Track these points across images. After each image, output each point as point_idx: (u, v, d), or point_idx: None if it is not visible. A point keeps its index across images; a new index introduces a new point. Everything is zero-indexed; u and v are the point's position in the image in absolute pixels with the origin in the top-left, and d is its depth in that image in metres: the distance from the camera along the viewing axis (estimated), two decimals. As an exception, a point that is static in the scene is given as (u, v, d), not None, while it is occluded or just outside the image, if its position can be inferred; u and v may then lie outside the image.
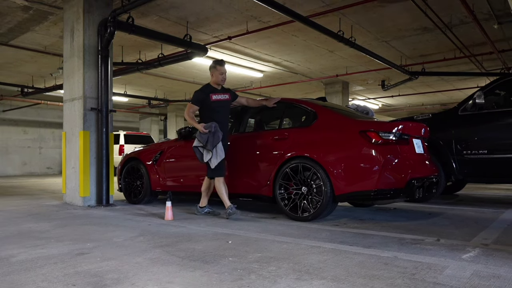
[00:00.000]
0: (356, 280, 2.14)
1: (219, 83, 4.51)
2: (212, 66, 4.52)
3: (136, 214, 4.76)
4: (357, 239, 3.18)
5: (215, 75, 4.48)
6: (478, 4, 6.70)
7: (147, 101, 15.52)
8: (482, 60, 10.10)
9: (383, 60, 8.97)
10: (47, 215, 4.70)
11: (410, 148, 4.07)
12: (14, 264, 2.53)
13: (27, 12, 6.92)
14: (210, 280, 2.17)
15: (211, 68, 4.52)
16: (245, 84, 13.71)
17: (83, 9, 5.58)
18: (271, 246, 2.95)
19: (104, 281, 2.17)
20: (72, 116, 5.74)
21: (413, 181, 3.85)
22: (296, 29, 7.94)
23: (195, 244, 3.03)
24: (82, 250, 2.87)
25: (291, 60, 10.54)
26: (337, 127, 4.13)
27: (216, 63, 4.52)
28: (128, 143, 13.70)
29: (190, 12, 7.08)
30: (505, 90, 5.30)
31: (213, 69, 4.49)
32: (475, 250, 2.79)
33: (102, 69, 5.62)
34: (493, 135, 5.02)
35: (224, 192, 4.33)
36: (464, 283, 2.07)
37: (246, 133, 4.95)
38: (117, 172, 6.04)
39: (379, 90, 13.87)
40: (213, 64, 4.53)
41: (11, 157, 15.81)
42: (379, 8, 6.94)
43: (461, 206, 5.21)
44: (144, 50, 9.44)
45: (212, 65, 4.53)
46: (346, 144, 3.96)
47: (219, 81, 4.49)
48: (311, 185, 4.00)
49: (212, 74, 4.50)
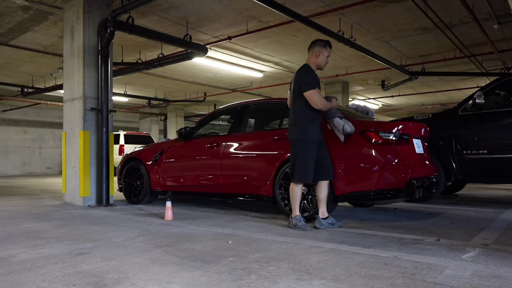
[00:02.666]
0: (356, 280, 2.14)
1: (321, 68, 3.82)
2: (322, 45, 3.74)
3: (136, 214, 4.76)
4: (357, 239, 3.18)
5: (322, 56, 3.73)
6: (478, 4, 6.70)
7: (147, 101, 15.52)
8: (482, 60, 10.10)
9: (383, 60, 8.97)
10: (47, 215, 4.70)
11: (410, 148, 4.07)
12: (14, 264, 2.53)
13: (27, 12, 6.91)
14: (210, 280, 2.17)
15: (318, 46, 3.73)
16: (245, 84, 13.70)
17: (83, 9, 5.58)
18: (271, 246, 2.95)
19: (104, 281, 2.17)
20: (72, 116, 5.74)
21: (413, 181, 3.85)
22: (296, 29, 7.94)
23: (195, 244, 3.03)
24: (82, 250, 2.87)
25: (291, 60, 10.54)
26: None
27: (326, 43, 3.77)
28: (128, 143, 13.70)
29: (190, 12, 7.08)
30: (505, 90, 5.30)
31: (322, 49, 3.73)
32: (475, 250, 2.79)
33: (102, 69, 5.62)
34: (493, 135, 5.02)
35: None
36: (464, 283, 2.07)
37: (246, 133, 4.95)
38: (117, 172, 6.04)
39: (379, 90, 13.87)
40: (322, 43, 3.75)
41: (11, 157, 15.81)
42: (379, 8, 6.94)
43: (461, 206, 5.21)
44: (144, 50, 9.44)
45: (321, 44, 3.74)
46: (346, 144, 3.96)
47: (322, 65, 3.79)
48: (311, 185, 4.00)
49: (318, 54, 3.72)
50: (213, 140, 5.00)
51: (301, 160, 3.63)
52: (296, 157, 3.67)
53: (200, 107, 19.78)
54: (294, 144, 3.70)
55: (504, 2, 6.50)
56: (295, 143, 3.70)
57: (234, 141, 4.82)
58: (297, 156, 3.66)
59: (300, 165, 3.63)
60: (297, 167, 3.65)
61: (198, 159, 5.09)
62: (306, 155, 3.62)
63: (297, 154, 3.66)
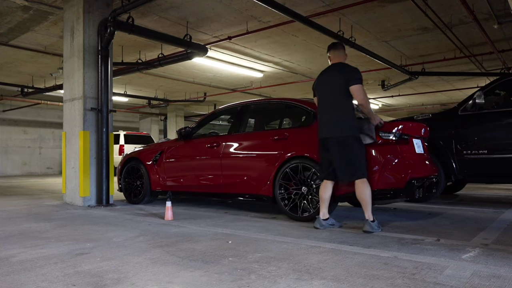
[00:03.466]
0: (356, 280, 2.14)
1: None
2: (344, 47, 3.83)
3: (136, 214, 4.76)
4: (357, 239, 3.18)
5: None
6: (478, 4, 6.70)
7: (147, 101, 15.52)
8: (482, 60, 10.10)
9: (383, 60, 8.97)
10: (47, 215, 4.70)
11: (410, 148, 4.07)
12: (14, 264, 2.53)
13: (27, 12, 6.91)
14: (210, 280, 2.17)
15: (343, 49, 3.81)
16: (245, 84, 13.70)
17: (83, 9, 5.58)
18: (271, 246, 2.95)
19: (104, 281, 2.17)
20: (72, 116, 5.74)
21: (413, 181, 3.85)
22: (296, 29, 7.93)
23: (195, 244, 3.03)
24: (82, 250, 2.87)
25: (291, 60, 10.53)
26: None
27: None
28: (128, 143, 13.70)
29: (190, 12, 7.07)
30: (505, 90, 5.30)
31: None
32: (475, 250, 2.79)
33: (102, 69, 5.62)
34: (493, 135, 5.02)
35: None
36: (464, 283, 2.07)
37: (246, 133, 4.95)
38: (117, 172, 6.04)
39: (379, 90, 13.86)
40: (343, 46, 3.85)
41: (11, 157, 15.81)
42: (379, 8, 6.94)
43: (461, 206, 5.21)
44: (144, 50, 9.44)
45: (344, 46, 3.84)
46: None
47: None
48: (311, 185, 4.00)
49: (346, 56, 3.83)
50: (213, 140, 5.00)
51: (361, 155, 3.53)
52: (355, 153, 3.51)
53: (200, 107, 19.78)
54: (348, 140, 3.52)
55: (504, 2, 6.50)
56: (349, 139, 3.52)
57: (234, 141, 4.81)
58: (356, 151, 3.51)
59: (360, 160, 3.52)
60: (358, 162, 3.51)
61: (198, 159, 5.09)
62: (363, 150, 3.57)
63: (355, 149, 3.51)
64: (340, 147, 3.54)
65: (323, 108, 3.73)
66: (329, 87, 3.70)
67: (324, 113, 3.71)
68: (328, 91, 3.71)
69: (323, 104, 3.74)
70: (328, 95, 3.70)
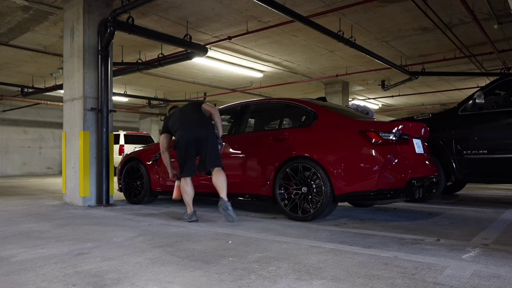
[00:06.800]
0: (356, 280, 2.14)
1: None
2: None
3: (136, 214, 4.76)
4: (357, 239, 3.18)
5: None
6: (478, 4, 6.70)
7: (147, 101, 15.52)
8: (482, 60, 10.11)
9: (383, 60, 8.97)
10: (47, 215, 4.70)
11: (410, 148, 4.07)
12: (14, 264, 2.53)
13: (27, 12, 6.92)
14: (210, 280, 2.17)
15: None
16: (245, 84, 13.71)
17: (83, 9, 5.58)
18: (271, 246, 2.95)
19: (104, 281, 2.17)
20: (72, 116, 5.74)
21: (413, 181, 3.85)
22: (296, 29, 7.94)
23: (195, 244, 3.03)
24: (82, 250, 2.87)
25: (291, 60, 10.54)
26: (337, 127, 4.13)
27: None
28: (128, 143, 13.69)
29: (190, 12, 7.08)
30: (505, 90, 5.30)
31: None
32: (475, 250, 2.79)
33: (102, 69, 5.62)
34: (493, 135, 5.02)
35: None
36: (464, 283, 2.07)
37: (246, 133, 4.95)
38: (117, 172, 6.04)
39: (379, 90, 13.87)
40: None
41: (11, 157, 15.81)
42: (379, 8, 6.95)
43: (461, 206, 5.20)
44: (144, 50, 9.44)
45: None
46: (346, 144, 3.96)
47: None
48: (311, 185, 4.00)
49: None
50: (213, 140, 4.98)
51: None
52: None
53: (200, 107, 19.75)
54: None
55: (504, 2, 6.50)
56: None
57: (234, 141, 4.81)
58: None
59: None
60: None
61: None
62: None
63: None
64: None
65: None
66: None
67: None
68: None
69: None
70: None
